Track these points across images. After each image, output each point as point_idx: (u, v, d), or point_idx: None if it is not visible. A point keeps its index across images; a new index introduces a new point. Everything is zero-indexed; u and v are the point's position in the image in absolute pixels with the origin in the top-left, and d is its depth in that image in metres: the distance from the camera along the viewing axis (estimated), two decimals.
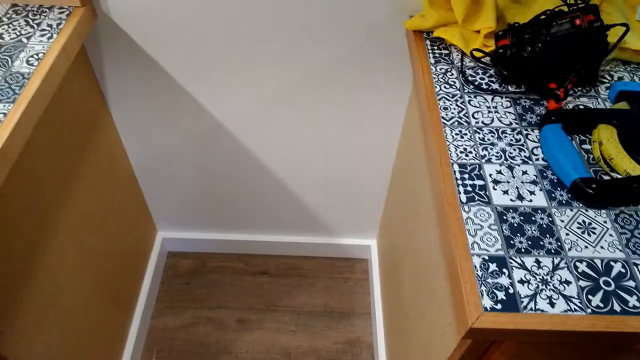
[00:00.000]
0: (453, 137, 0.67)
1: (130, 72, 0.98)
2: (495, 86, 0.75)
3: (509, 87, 0.74)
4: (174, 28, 0.90)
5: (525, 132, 0.68)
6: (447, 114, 0.70)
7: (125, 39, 0.91)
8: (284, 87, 1.00)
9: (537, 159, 0.65)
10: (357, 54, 0.94)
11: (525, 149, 0.66)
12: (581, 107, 0.72)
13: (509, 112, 0.71)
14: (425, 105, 0.72)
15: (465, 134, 0.67)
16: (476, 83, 0.75)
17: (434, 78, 0.76)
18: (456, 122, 0.69)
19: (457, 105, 0.71)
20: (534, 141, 0.67)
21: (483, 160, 0.64)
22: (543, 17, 0.71)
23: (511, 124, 0.69)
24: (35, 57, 0.75)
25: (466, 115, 0.70)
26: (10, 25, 0.80)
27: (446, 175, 0.63)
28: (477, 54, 0.78)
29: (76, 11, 0.83)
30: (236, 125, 1.09)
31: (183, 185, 1.25)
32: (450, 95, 0.73)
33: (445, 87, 0.74)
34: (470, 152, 0.65)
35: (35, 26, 0.80)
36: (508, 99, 0.73)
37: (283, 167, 1.19)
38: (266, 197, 1.27)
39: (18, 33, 0.79)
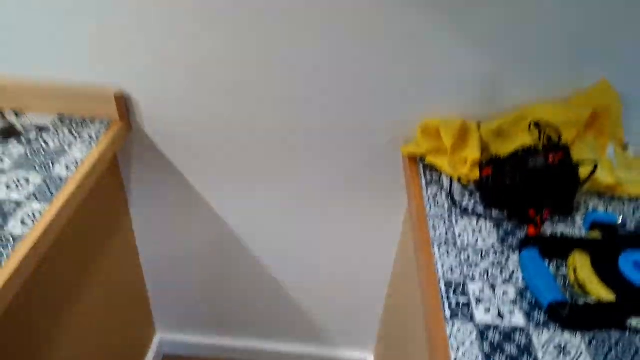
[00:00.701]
0: (440, 255, 0.73)
1: (154, 180, 1.08)
2: (480, 210, 0.82)
3: (493, 211, 0.82)
4: (197, 145, 1.02)
5: (506, 254, 0.74)
6: (435, 233, 0.77)
7: (153, 149, 1.03)
8: (287, 198, 1.09)
9: (517, 280, 0.70)
10: (358, 171, 1.04)
11: (506, 270, 0.71)
12: (558, 233, 0.78)
13: (492, 234, 0.78)
14: (417, 224, 0.79)
15: (452, 253, 0.74)
16: (463, 206, 0.83)
17: (425, 199, 0.84)
18: (443, 242, 0.76)
19: (445, 225, 0.79)
20: (515, 263, 0.73)
21: (467, 279, 0.70)
22: (521, 152, 0.81)
23: (494, 245, 0.76)
24: (74, 163, 0.85)
25: (453, 235, 0.77)
26: (56, 134, 0.92)
27: (433, 290, 0.68)
28: (464, 181, 0.87)
29: (114, 124, 0.96)
30: (243, 234, 1.17)
31: (187, 288, 1.29)
32: (439, 216, 0.80)
33: (435, 208, 0.82)
34: (456, 270, 0.71)
35: (77, 135, 0.92)
36: (491, 222, 0.80)
37: (284, 274, 1.24)
38: (266, 303, 1.31)
39: (62, 141, 0.90)
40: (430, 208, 0.82)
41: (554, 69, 0.88)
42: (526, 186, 0.77)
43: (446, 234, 0.77)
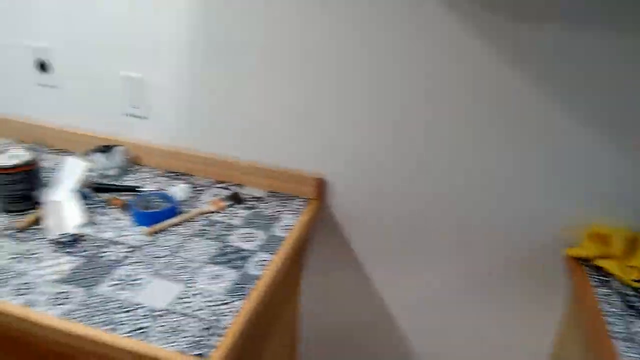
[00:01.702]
0: (622, 351, 0.78)
1: (328, 253, 1.26)
2: None
3: None
4: (374, 226, 1.18)
5: None
6: (612, 329, 0.82)
7: (335, 226, 1.21)
8: (445, 281, 1.19)
9: None
10: (516, 265, 1.12)
11: None
12: None
13: None
14: (591, 321, 0.86)
15: (631, 350, 0.78)
16: (636, 307, 0.87)
17: (597, 297, 0.90)
18: (623, 338, 0.81)
19: (623, 323, 0.84)
20: None
21: None
22: None
23: None
24: (287, 227, 1.05)
25: (630, 332, 0.82)
26: (269, 204, 1.14)
27: None
28: (636, 285, 0.92)
29: (312, 201, 1.17)
30: (398, 316, 1.27)
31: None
32: (614, 314, 0.86)
33: (607, 306, 0.88)
34: None
35: (285, 207, 1.13)
36: None
37: (436, 355, 1.30)
38: None
39: (274, 210, 1.12)
40: (604, 306, 0.88)
41: None
42: None
43: (625, 330, 0.82)
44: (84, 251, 0.92)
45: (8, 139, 1.36)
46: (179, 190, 1.12)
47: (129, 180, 1.20)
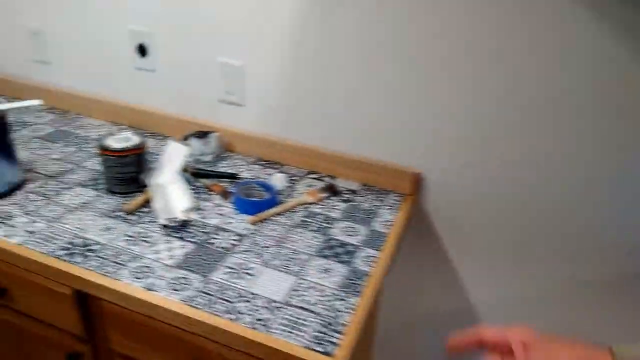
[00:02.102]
0: None
1: (418, 248, 1.23)
2: None
3: None
4: (467, 224, 1.14)
5: None
6: None
7: (427, 222, 1.18)
8: (538, 285, 1.14)
9: None
10: (614, 275, 1.06)
11: None
12: None
13: None
14: None
15: None
16: None
17: None
18: None
19: None
20: None
21: None
22: None
23: None
24: (388, 222, 1.03)
25: None
26: (366, 198, 1.12)
27: None
28: None
29: (407, 197, 1.13)
30: (484, 309, 1.23)
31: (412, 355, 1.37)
32: None
33: None
34: None
35: (381, 201, 1.11)
36: None
37: None
38: None
39: (371, 205, 1.10)
40: None
41: None
42: None
43: None
44: (194, 236, 0.93)
45: (103, 121, 1.40)
46: (277, 179, 1.11)
47: (224, 167, 1.20)
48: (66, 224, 0.93)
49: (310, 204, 1.07)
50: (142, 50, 1.29)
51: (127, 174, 1.03)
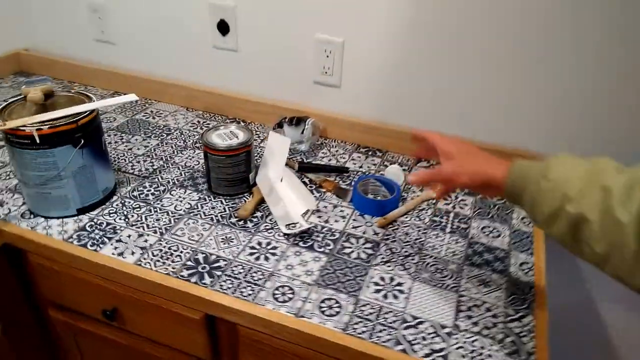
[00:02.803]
0: None
1: None
2: None
3: None
4: None
5: None
6: None
7: None
8: None
9: None
10: None
11: None
12: None
13: None
14: None
15: None
16: None
17: None
18: None
19: None
20: None
21: None
22: None
23: None
24: (525, 220, 0.91)
25: None
26: None
27: None
28: None
29: None
30: None
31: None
32: None
33: None
34: None
35: None
36: None
37: None
38: None
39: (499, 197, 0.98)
40: None
41: None
42: None
43: None
44: (324, 245, 0.82)
45: (176, 106, 1.28)
46: (393, 173, 1.00)
47: (323, 157, 1.09)
48: (179, 235, 0.83)
49: (434, 199, 0.96)
50: (222, 28, 1.15)
51: (236, 174, 0.91)
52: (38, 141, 0.76)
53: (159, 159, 1.05)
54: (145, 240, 0.82)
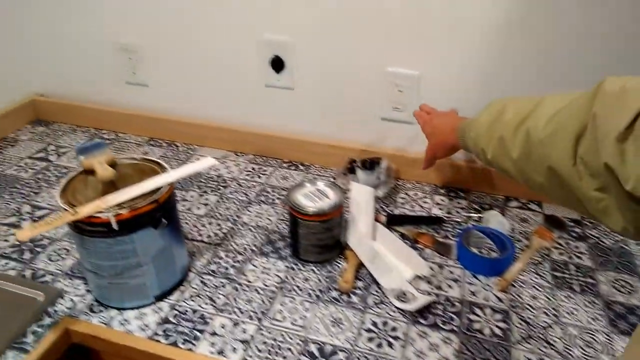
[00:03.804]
0: None
1: None
2: None
3: None
4: None
5: None
6: None
7: None
8: None
9: None
10: None
11: None
12: None
13: None
14: None
15: None
16: None
17: None
18: None
19: None
20: None
21: None
22: None
23: None
24: None
25: None
26: (599, 231, 0.91)
27: None
28: None
29: None
30: None
31: None
32: None
33: None
34: None
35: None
36: None
37: None
38: None
39: (613, 240, 0.89)
40: None
41: None
42: None
43: None
44: (447, 320, 0.72)
45: (222, 150, 1.16)
46: (497, 220, 0.89)
47: (402, 201, 0.98)
48: (280, 320, 0.71)
49: (547, 248, 0.86)
50: (277, 64, 1.03)
51: (328, 239, 0.80)
52: (116, 228, 0.64)
53: (225, 220, 0.93)
54: (244, 331, 0.70)
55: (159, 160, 0.75)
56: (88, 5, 1.10)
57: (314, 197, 0.79)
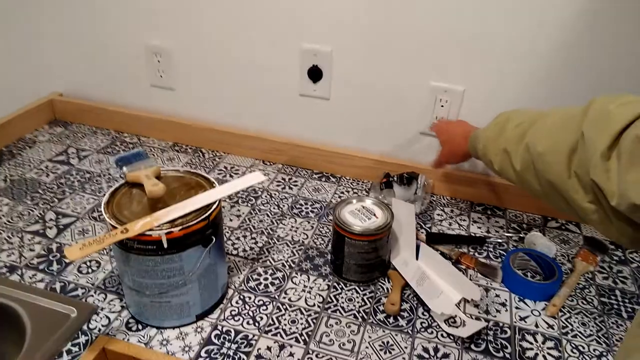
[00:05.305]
0: None
1: None
2: None
3: None
4: None
5: None
6: None
7: None
8: None
9: None
10: None
11: None
12: None
13: None
14: None
15: None
16: None
17: None
18: None
19: None
20: None
21: None
22: None
23: None
24: None
25: None
26: (636, 253, 0.90)
27: None
28: None
29: None
30: None
31: None
32: None
33: None
34: None
35: None
36: None
37: None
38: None
39: None
40: None
41: None
42: None
43: None
44: (498, 348, 0.70)
45: (250, 159, 1.13)
46: (543, 244, 0.88)
47: (439, 218, 0.96)
48: (327, 344, 0.69)
49: (591, 272, 0.85)
50: (314, 74, 1.01)
51: (375, 259, 0.78)
52: (166, 246, 0.61)
53: (259, 233, 0.90)
54: (291, 354, 0.67)
55: (204, 174, 0.72)
56: (120, 4, 1.07)
57: (361, 216, 0.77)
